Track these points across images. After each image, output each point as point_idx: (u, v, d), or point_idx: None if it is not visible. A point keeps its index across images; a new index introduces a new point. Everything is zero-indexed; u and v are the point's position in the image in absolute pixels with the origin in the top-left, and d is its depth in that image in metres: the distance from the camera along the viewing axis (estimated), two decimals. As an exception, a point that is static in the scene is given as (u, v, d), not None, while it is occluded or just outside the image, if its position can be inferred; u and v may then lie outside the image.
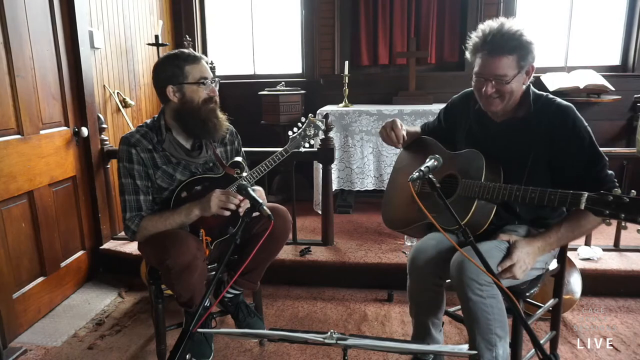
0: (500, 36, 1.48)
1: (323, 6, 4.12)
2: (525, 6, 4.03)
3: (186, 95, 1.74)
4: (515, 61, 1.49)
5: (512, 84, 1.51)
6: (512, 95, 1.54)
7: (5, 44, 2.17)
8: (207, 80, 1.75)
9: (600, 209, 1.23)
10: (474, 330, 1.44)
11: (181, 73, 1.72)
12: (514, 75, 1.50)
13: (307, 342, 1.06)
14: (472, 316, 1.43)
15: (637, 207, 1.17)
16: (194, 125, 1.76)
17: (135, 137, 1.78)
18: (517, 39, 1.48)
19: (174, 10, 4.21)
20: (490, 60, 1.50)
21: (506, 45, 1.47)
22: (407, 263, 1.69)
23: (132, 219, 1.75)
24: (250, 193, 1.52)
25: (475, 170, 1.56)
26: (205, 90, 1.75)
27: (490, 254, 1.46)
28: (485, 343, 1.43)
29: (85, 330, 2.33)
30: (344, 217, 3.55)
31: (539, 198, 1.37)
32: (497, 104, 1.56)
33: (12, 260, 2.23)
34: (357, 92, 3.98)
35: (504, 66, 1.49)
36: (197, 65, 1.74)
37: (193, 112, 1.74)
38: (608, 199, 1.21)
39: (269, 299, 2.57)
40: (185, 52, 1.75)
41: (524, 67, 1.51)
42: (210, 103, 1.77)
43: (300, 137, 1.94)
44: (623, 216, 1.19)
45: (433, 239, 1.69)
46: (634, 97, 3.81)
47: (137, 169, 1.76)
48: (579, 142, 1.48)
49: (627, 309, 2.41)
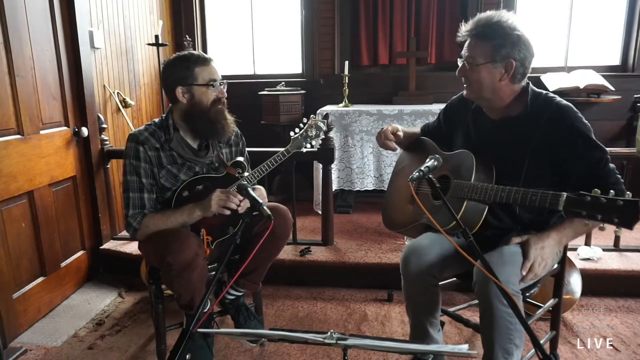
0: (483, 22, 1.51)
1: (323, 6, 4.12)
2: (525, 6, 4.03)
3: (195, 96, 1.76)
4: (488, 49, 1.49)
5: (481, 72, 1.52)
6: (481, 86, 1.55)
7: (5, 44, 2.17)
8: (216, 82, 1.77)
9: (578, 211, 1.22)
10: (492, 338, 1.42)
11: (191, 75, 1.74)
12: (483, 62, 1.51)
13: (307, 342, 1.06)
14: (494, 324, 1.41)
15: (614, 208, 1.16)
16: (202, 125, 1.78)
17: (143, 134, 1.78)
18: (497, 28, 1.49)
19: (174, 10, 4.21)
20: (468, 42, 1.55)
21: (484, 31, 1.50)
22: (400, 264, 1.68)
23: (135, 216, 1.75)
24: (250, 193, 1.52)
25: (466, 171, 1.56)
26: (214, 92, 1.78)
27: (513, 259, 1.46)
28: (503, 352, 1.42)
29: (85, 330, 2.33)
30: (344, 217, 3.55)
31: (521, 198, 1.37)
32: (467, 91, 1.61)
33: (12, 260, 2.23)
34: (357, 92, 3.98)
35: (473, 49, 1.53)
36: (207, 68, 1.76)
37: (202, 113, 1.77)
38: (585, 199, 1.20)
39: (269, 299, 2.57)
40: (195, 54, 1.77)
41: (498, 59, 1.50)
42: (218, 104, 1.80)
43: (301, 137, 1.95)
44: (600, 217, 1.18)
45: (426, 239, 1.69)
46: (634, 97, 3.81)
47: (143, 166, 1.76)
48: (581, 140, 1.48)
49: (627, 309, 2.41)
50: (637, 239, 2.94)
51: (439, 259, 1.62)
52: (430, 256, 1.62)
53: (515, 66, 1.50)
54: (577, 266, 2.41)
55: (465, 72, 1.57)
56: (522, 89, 1.57)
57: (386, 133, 1.83)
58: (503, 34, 1.48)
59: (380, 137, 1.85)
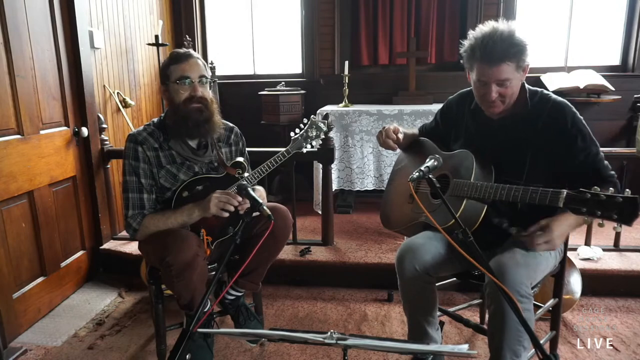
0: (499, 43, 1.48)
1: (323, 6, 4.12)
2: (525, 6, 4.03)
3: (171, 94, 1.77)
4: (514, 65, 1.50)
5: (514, 86, 1.54)
6: (514, 96, 1.57)
7: (5, 44, 2.17)
8: (186, 80, 1.74)
9: (578, 207, 1.23)
10: (502, 339, 1.41)
11: (167, 73, 1.76)
12: (515, 78, 1.52)
13: (307, 342, 1.06)
14: (505, 326, 1.40)
15: (613, 205, 1.17)
16: (175, 124, 1.78)
17: (142, 135, 1.79)
18: (513, 44, 1.48)
19: (174, 10, 4.21)
20: (491, 68, 1.50)
21: (505, 52, 1.48)
22: (395, 263, 1.68)
23: (134, 217, 1.75)
24: (250, 193, 1.52)
25: (465, 170, 1.57)
26: (186, 90, 1.74)
27: (527, 262, 1.47)
28: (512, 354, 1.42)
29: (85, 330, 2.33)
30: (344, 217, 3.55)
31: (521, 196, 1.38)
32: (500, 106, 1.58)
33: (12, 260, 2.23)
34: (357, 92, 3.97)
35: (506, 72, 1.50)
36: (180, 65, 1.74)
37: (175, 111, 1.77)
38: (586, 196, 1.21)
39: (269, 299, 2.57)
40: (174, 52, 1.78)
41: (521, 67, 1.52)
42: (192, 103, 1.74)
43: (302, 138, 1.94)
44: (599, 213, 1.19)
45: (420, 238, 1.69)
46: (634, 97, 3.81)
47: (142, 167, 1.76)
48: (580, 136, 1.51)
49: (627, 309, 2.41)
50: (637, 239, 2.94)
51: (434, 257, 1.62)
52: (425, 255, 1.62)
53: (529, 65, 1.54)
54: (577, 266, 2.41)
55: (502, 92, 1.54)
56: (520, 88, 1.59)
57: (388, 132, 1.82)
58: (522, 44, 1.49)
59: (381, 136, 1.85)
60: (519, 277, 1.40)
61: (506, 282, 1.39)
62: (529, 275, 1.45)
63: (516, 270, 1.41)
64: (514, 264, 1.43)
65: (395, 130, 1.83)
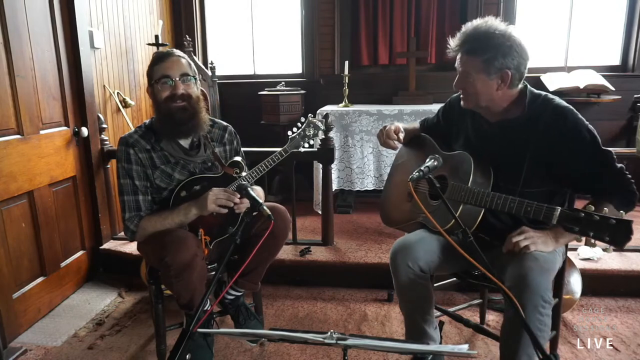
0: (472, 36, 1.49)
1: (323, 6, 4.12)
2: (525, 6, 4.03)
3: (154, 94, 1.78)
4: (481, 63, 1.48)
5: (477, 85, 1.51)
6: (478, 97, 1.54)
7: (5, 44, 2.17)
8: (167, 79, 1.73)
9: (571, 226, 1.24)
10: (519, 344, 1.40)
11: (151, 74, 1.77)
12: (478, 76, 1.50)
13: (307, 342, 1.06)
14: (523, 331, 1.38)
15: (606, 226, 1.17)
16: (160, 123, 1.79)
17: (133, 137, 1.79)
18: (487, 40, 1.46)
19: (174, 10, 4.21)
20: (460, 57, 1.54)
21: (473, 46, 1.48)
22: (389, 261, 1.68)
23: (132, 219, 1.75)
24: (250, 193, 1.52)
25: (464, 174, 1.56)
26: (167, 90, 1.74)
27: (552, 267, 1.48)
28: (527, 358, 1.41)
29: (85, 330, 2.33)
30: (344, 217, 3.55)
31: (516, 208, 1.38)
32: (466, 100, 1.60)
33: (12, 260, 2.23)
34: (357, 92, 3.97)
35: (465, 64, 1.52)
36: (162, 64, 1.75)
37: (158, 110, 1.78)
38: (579, 215, 1.21)
39: (269, 299, 2.57)
40: (155, 53, 1.81)
41: (492, 71, 1.48)
42: (173, 101, 1.74)
43: (299, 137, 1.94)
44: (592, 234, 1.19)
45: (414, 236, 1.69)
46: (634, 97, 3.81)
47: (135, 169, 1.76)
48: (582, 142, 1.46)
49: (627, 309, 2.41)
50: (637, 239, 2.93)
51: (427, 255, 1.62)
52: (418, 252, 1.61)
53: (511, 75, 1.48)
54: (577, 266, 2.41)
55: (462, 84, 1.56)
56: (520, 92, 1.56)
57: (389, 132, 1.82)
58: (493, 45, 1.45)
59: (382, 135, 1.84)
60: (545, 283, 1.38)
61: (530, 287, 1.36)
62: (551, 279, 1.45)
63: (541, 276, 1.39)
64: (538, 269, 1.40)
65: (396, 130, 1.83)
